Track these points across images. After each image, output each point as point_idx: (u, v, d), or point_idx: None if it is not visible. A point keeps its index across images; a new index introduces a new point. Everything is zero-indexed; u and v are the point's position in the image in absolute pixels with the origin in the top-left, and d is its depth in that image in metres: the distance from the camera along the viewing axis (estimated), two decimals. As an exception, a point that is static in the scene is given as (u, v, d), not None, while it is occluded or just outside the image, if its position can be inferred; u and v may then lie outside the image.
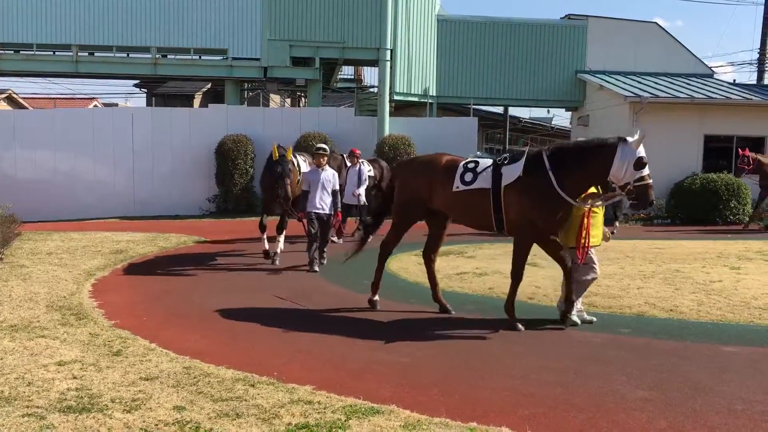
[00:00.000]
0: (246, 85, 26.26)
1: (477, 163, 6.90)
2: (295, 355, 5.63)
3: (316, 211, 9.83)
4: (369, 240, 7.96)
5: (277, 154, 10.06)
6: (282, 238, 10.70)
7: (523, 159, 6.59)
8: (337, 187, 10.08)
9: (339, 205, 10.18)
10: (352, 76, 28.75)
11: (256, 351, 5.73)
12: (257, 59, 19.81)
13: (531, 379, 5.02)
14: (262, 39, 19.67)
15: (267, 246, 10.74)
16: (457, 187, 6.82)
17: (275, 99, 30.91)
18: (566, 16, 23.51)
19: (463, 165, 6.93)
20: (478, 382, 4.94)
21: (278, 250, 10.41)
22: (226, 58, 19.96)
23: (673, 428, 4.11)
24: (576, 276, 6.72)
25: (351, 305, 7.57)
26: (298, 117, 20.01)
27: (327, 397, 4.50)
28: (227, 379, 4.84)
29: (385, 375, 5.09)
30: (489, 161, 6.89)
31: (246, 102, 27.51)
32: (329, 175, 9.97)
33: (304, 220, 9.93)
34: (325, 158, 10.02)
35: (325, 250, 10.07)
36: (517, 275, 6.75)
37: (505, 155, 6.85)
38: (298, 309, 7.42)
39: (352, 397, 4.50)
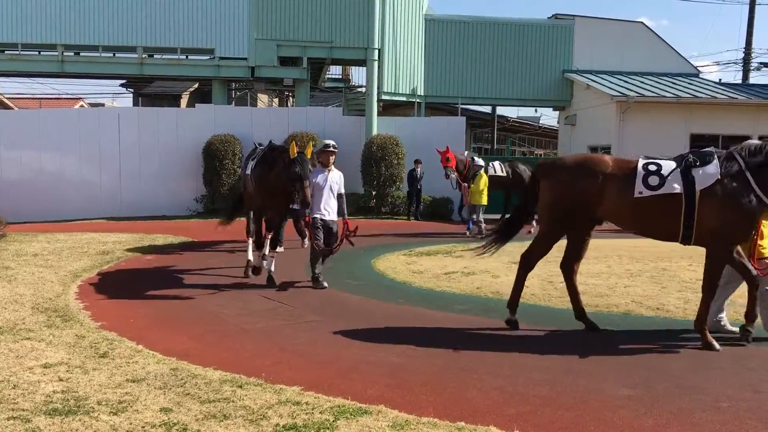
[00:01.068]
0: (233, 84, 26.18)
1: (658, 164, 6.11)
2: (283, 355, 5.61)
3: (322, 216, 8.61)
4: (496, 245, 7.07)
5: (295, 151, 8.27)
6: (272, 253, 9.16)
7: (716, 159, 6.00)
8: (343, 191, 8.88)
9: (345, 210, 8.92)
10: (340, 76, 28.72)
11: (244, 352, 5.71)
12: (244, 59, 19.75)
13: (519, 378, 5.03)
14: (250, 38, 19.61)
15: (252, 257, 9.43)
16: (640, 193, 6.01)
17: (263, 99, 30.83)
18: (553, 15, 23.64)
19: (643, 167, 6.10)
20: (467, 382, 4.94)
21: (272, 268, 8.91)
22: (213, 58, 19.88)
23: (658, 426, 4.14)
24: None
25: (339, 306, 7.55)
26: (285, 117, 19.96)
27: (315, 398, 4.49)
28: (215, 381, 4.82)
29: (374, 375, 5.08)
30: (671, 163, 6.14)
31: (233, 102, 27.42)
32: (336, 177, 8.83)
33: (308, 228, 8.81)
34: (334, 156, 8.87)
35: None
36: (710, 289, 6.10)
37: (689, 155, 6.15)
38: (285, 309, 7.40)
39: (341, 398, 4.50)
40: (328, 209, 8.69)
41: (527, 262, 6.71)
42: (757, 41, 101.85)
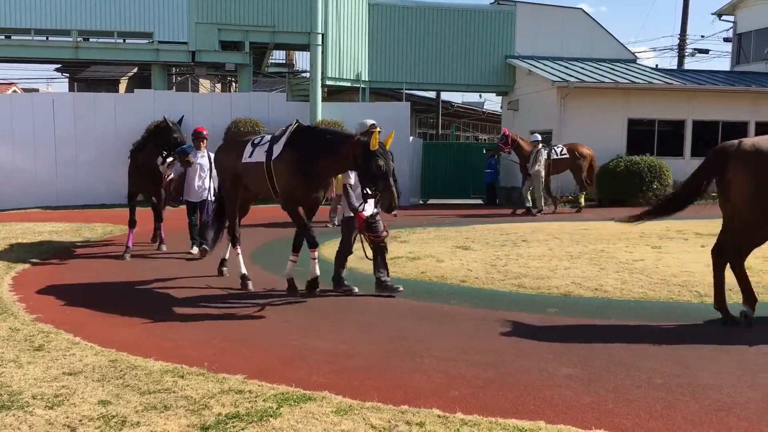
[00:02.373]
0: (174, 69, 25.62)
1: None
2: (228, 344, 5.55)
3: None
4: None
5: (376, 141, 6.43)
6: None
7: None
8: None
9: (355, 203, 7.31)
10: (284, 61, 28.40)
11: (186, 341, 5.63)
12: (184, 43, 19.35)
13: (462, 361, 5.09)
14: (189, 22, 19.20)
15: (245, 269, 7.93)
16: None
17: (205, 84, 30.27)
18: (495, 1, 23.82)
19: None
20: (411, 366, 4.98)
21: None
22: (152, 42, 19.42)
23: (596, 403, 4.25)
24: None
25: (284, 293, 7.50)
26: (228, 102, 19.66)
27: (259, 386, 4.45)
28: (155, 371, 4.73)
29: (319, 362, 5.07)
30: None
31: (174, 87, 26.84)
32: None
33: (366, 230, 7.30)
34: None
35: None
36: None
37: None
38: (231, 298, 7.32)
39: (284, 385, 4.47)
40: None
41: (740, 261, 6.12)
42: (692, 28, 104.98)
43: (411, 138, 17.45)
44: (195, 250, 9.96)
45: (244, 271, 7.86)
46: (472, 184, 21.96)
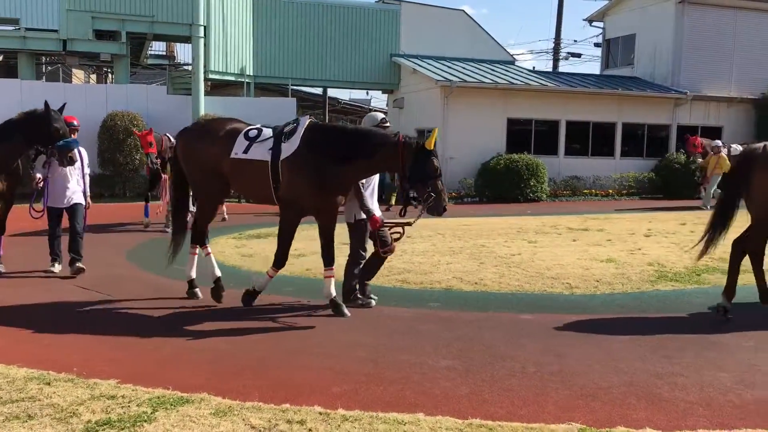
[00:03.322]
0: (43, 58, 24.14)
1: None
2: (100, 348, 5.29)
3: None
4: None
5: (433, 142, 6.09)
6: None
7: None
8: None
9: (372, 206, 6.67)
10: (165, 53, 27.44)
11: (56, 347, 5.31)
12: (55, 30, 18.27)
13: (344, 357, 5.11)
14: (60, 9, 18.15)
15: (218, 271, 7.01)
16: None
17: (78, 75, 28.73)
18: (380, 0, 24.04)
19: None
20: (293, 363, 4.94)
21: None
22: (19, 29, 18.19)
23: (473, 393, 4.39)
24: None
25: (164, 292, 7.25)
26: (103, 94, 18.77)
27: (133, 390, 4.27)
28: (19, 379, 4.44)
29: (198, 362, 4.94)
30: None
31: (44, 77, 25.29)
32: None
33: (382, 233, 6.63)
34: None
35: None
36: None
37: None
38: (105, 299, 6.97)
39: (161, 388, 4.31)
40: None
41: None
42: (566, 33, 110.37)
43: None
44: (56, 268, 8.25)
45: (218, 273, 6.91)
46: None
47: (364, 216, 6.58)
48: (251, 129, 6.58)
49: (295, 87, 23.45)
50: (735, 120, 22.96)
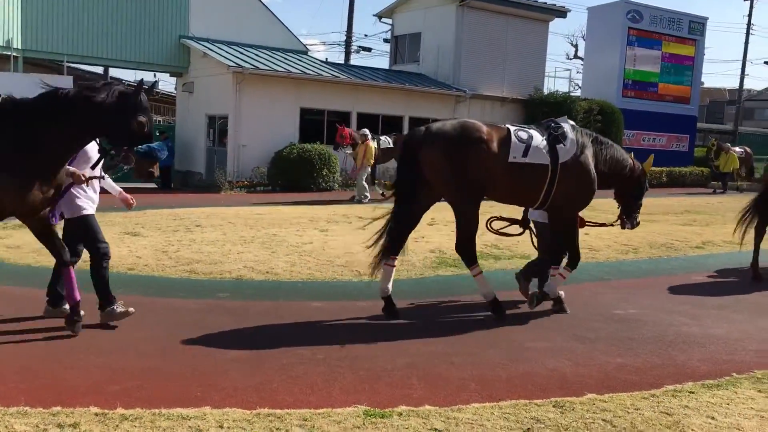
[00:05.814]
0: None
1: None
2: None
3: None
4: None
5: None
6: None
7: None
8: None
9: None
10: None
11: None
12: None
13: (127, 353, 4.83)
14: None
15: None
16: None
17: None
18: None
19: None
20: (67, 363, 4.58)
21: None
22: None
23: (263, 383, 4.36)
24: None
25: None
26: None
27: None
28: None
29: (-49, 368, 4.39)
30: None
31: None
32: None
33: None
34: None
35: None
36: None
37: None
38: None
39: None
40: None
41: None
42: (358, 27, 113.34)
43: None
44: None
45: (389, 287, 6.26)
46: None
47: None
48: (519, 129, 6.37)
49: (71, 64, 21.61)
50: (508, 117, 25.03)
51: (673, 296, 7.49)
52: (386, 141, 18.15)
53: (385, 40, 30.29)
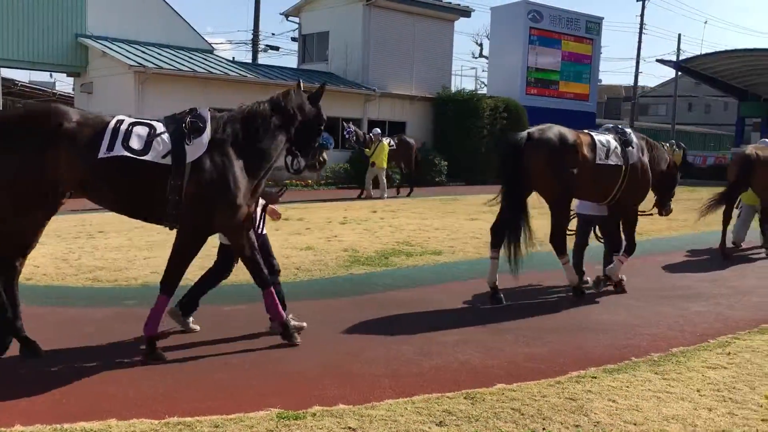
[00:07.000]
0: None
1: None
2: None
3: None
4: None
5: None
6: None
7: None
8: None
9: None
10: None
11: None
12: None
13: (26, 367, 4.60)
14: None
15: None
16: None
17: None
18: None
19: None
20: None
21: None
22: None
23: (173, 391, 4.24)
24: None
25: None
26: None
27: None
28: None
29: None
30: None
31: None
32: None
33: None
34: None
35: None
36: None
37: None
38: None
39: None
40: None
41: None
42: (265, 25, 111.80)
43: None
44: None
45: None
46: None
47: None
48: (597, 133, 7.24)
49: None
50: (417, 115, 25.40)
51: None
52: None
53: (293, 39, 30.05)
